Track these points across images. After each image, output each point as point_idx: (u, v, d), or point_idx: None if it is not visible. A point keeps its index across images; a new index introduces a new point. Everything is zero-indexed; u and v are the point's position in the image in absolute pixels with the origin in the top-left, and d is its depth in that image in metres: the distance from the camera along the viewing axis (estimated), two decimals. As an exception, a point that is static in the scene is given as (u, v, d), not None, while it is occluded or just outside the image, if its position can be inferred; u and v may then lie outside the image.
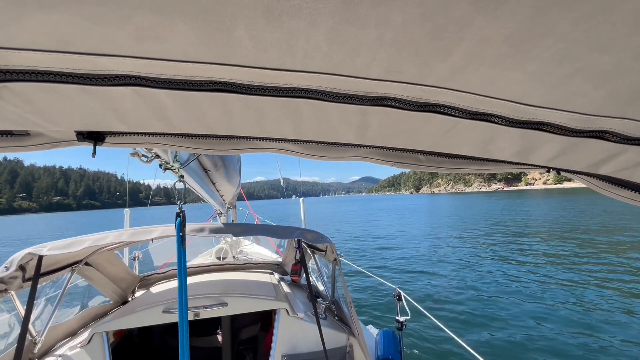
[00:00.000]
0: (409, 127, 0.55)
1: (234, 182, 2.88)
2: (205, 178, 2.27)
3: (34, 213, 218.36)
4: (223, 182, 2.61)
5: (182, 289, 1.09)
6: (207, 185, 2.37)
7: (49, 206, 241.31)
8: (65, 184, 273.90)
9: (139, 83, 0.45)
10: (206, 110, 0.52)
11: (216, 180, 2.52)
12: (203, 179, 2.20)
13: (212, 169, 2.21)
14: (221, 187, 2.80)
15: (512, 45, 0.34)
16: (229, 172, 2.58)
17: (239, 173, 3.04)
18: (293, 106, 0.51)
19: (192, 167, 1.74)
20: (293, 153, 0.75)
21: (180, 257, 1.09)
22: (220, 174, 2.40)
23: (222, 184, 2.69)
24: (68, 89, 0.45)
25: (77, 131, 0.65)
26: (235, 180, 2.90)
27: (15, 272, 1.32)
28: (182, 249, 1.10)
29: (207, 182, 2.38)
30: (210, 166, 2.17)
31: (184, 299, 1.09)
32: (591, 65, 0.36)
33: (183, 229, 1.10)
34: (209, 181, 2.43)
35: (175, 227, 1.09)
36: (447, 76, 0.41)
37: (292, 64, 0.41)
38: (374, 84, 0.44)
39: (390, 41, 0.35)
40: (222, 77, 0.44)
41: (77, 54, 0.39)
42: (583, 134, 0.50)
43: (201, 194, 2.52)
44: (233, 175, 2.73)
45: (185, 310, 1.09)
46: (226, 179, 2.57)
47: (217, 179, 2.48)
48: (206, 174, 2.27)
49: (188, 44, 0.37)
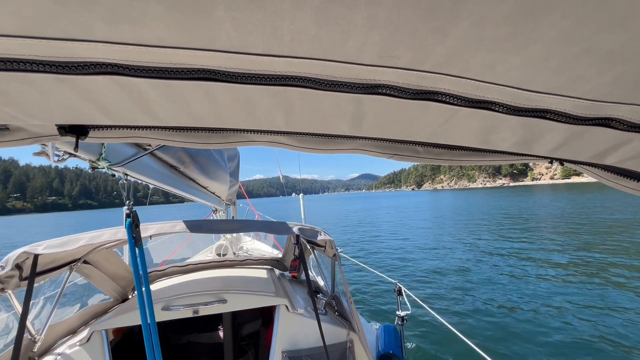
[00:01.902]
0: (405, 116, 0.53)
1: (221, 179, 2.73)
2: (176, 175, 2.09)
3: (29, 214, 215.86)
4: (203, 178, 2.42)
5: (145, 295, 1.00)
6: (182, 183, 2.19)
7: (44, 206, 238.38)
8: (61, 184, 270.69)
9: (116, 71, 0.43)
10: (191, 100, 0.50)
11: (194, 177, 2.34)
12: (173, 176, 2.02)
13: (178, 165, 2.00)
14: (208, 185, 2.66)
15: (513, 25, 0.32)
16: (205, 167, 2.36)
17: (226, 170, 2.84)
18: (283, 95, 0.48)
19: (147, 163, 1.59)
20: (287, 146, 0.73)
21: (135, 260, 0.99)
22: (192, 169, 2.19)
23: (204, 181, 2.51)
24: (41, 78, 0.43)
25: (58, 125, 0.62)
26: (222, 178, 2.74)
27: (11, 271, 1.30)
28: (140, 250, 1.00)
29: (183, 179, 2.21)
30: (175, 162, 1.95)
31: (149, 306, 1.02)
32: (597, 46, 0.34)
33: (136, 230, 1.00)
34: (186, 178, 2.26)
35: (126, 229, 0.99)
36: (444, 61, 0.39)
37: (279, 49, 0.38)
38: (367, 70, 0.42)
39: (382, 22, 0.33)
40: (205, 65, 0.42)
41: (44, 39, 0.36)
42: (588, 121, 0.48)
43: (176, 192, 2.28)
44: (216, 171, 2.54)
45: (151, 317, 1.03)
46: (204, 175, 2.37)
47: (194, 175, 2.28)
48: (176, 170, 2.07)
49: (164, 27, 0.34)
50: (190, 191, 2.43)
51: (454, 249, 9.98)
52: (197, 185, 2.55)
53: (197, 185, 2.55)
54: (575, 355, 3.71)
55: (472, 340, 2.05)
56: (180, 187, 2.19)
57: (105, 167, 1.25)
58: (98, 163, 1.21)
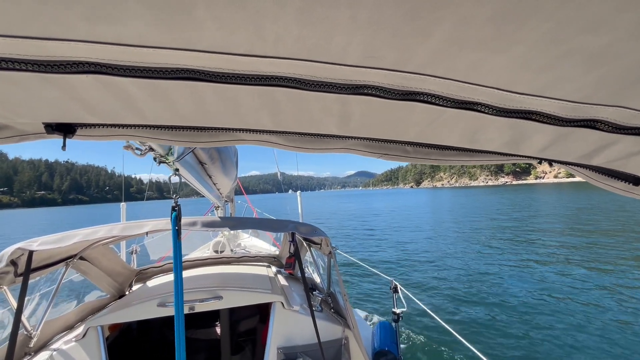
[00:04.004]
0: (392, 117, 0.54)
1: (230, 176, 2.86)
2: (201, 171, 2.25)
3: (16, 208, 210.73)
4: (220, 175, 2.59)
5: (178, 283, 1.09)
6: (203, 179, 2.35)
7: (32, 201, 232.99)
8: (50, 178, 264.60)
9: (100, 71, 0.43)
10: (177, 99, 0.50)
11: (213, 174, 2.50)
12: (199, 173, 2.18)
13: (208, 162, 2.19)
14: (218, 181, 2.77)
15: (496, 26, 0.32)
16: (226, 165, 2.56)
17: (235, 166, 3.01)
18: (269, 95, 0.48)
19: (187, 160, 1.72)
20: (275, 145, 0.74)
21: (176, 251, 1.09)
22: (217, 167, 2.38)
23: (218, 177, 2.66)
24: (25, 77, 0.43)
25: (45, 123, 0.62)
26: (232, 174, 2.87)
27: (6, 267, 1.29)
28: (178, 243, 1.09)
29: (204, 175, 2.36)
30: (207, 159, 2.15)
31: (180, 294, 1.09)
32: (580, 47, 0.34)
33: (179, 223, 1.09)
34: (206, 174, 2.41)
35: (171, 221, 1.08)
36: (428, 61, 0.39)
37: (263, 49, 0.39)
38: (351, 70, 0.42)
39: (365, 22, 0.33)
40: (189, 65, 0.42)
41: (25, 38, 0.36)
42: (574, 123, 0.48)
43: (197, 188, 2.50)
44: (230, 168, 2.71)
45: (181, 305, 1.09)
46: (223, 172, 2.55)
47: (214, 172, 2.45)
48: (202, 167, 2.25)
49: (145, 26, 0.34)
50: (205, 187, 2.54)
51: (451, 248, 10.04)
52: (210, 180, 2.62)
53: (210, 180, 2.62)
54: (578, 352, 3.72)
55: (465, 338, 2.09)
56: (202, 183, 2.32)
57: (171, 161, 1.29)
58: (167, 157, 1.25)
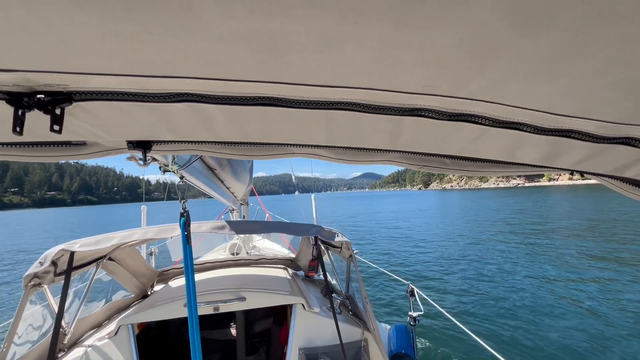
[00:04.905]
0: (439, 134, 0.57)
1: (243, 180, 2.90)
2: (212, 177, 2.29)
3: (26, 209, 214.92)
4: (231, 180, 2.63)
5: (190, 286, 1.10)
6: (214, 184, 2.40)
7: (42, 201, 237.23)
8: (60, 179, 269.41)
9: (195, 99, 0.48)
10: (249, 121, 0.55)
11: (224, 179, 2.54)
12: (210, 178, 2.23)
13: (217, 167, 2.24)
14: (231, 185, 2.82)
15: (546, 62, 0.35)
16: (236, 170, 2.60)
17: (248, 171, 3.06)
18: (330, 116, 0.53)
19: (196, 167, 1.77)
20: (323, 157, 0.78)
21: (187, 255, 1.10)
22: (227, 172, 2.42)
23: (230, 182, 2.71)
24: (130, 105, 0.49)
25: (128, 140, 0.69)
26: (245, 178, 2.92)
27: (48, 267, 1.36)
28: (188, 247, 1.11)
29: (215, 180, 2.41)
30: (215, 165, 2.19)
31: (192, 296, 1.11)
32: (623, 79, 0.37)
33: (188, 228, 1.11)
34: (217, 179, 2.46)
35: (180, 227, 1.10)
36: (480, 90, 0.43)
37: (334, 81, 0.43)
38: (409, 97, 0.46)
39: (429, 61, 0.36)
40: (270, 93, 0.47)
41: (144, 77, 0.42)
42: (610, 140, 0.52)
43: (209, 192, 2.53)
44: (242, 173, 2.75)
45: (194, 306, 1.11)
46: (234, 177, 2.60)
47: (225, 177, 2.50)
48: (213, 172, 2.29)
49: (244, 66, 0.39)
50: (217, 191, 2.58)
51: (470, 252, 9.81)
52: (223, 185, 2.68)
53: (223, 185, 2.68)
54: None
55: (484, 340, 2.07)
56: (212, 187, 2.36)
57: (175, 170, 1.34)
58: (171, 167, 1.31)
